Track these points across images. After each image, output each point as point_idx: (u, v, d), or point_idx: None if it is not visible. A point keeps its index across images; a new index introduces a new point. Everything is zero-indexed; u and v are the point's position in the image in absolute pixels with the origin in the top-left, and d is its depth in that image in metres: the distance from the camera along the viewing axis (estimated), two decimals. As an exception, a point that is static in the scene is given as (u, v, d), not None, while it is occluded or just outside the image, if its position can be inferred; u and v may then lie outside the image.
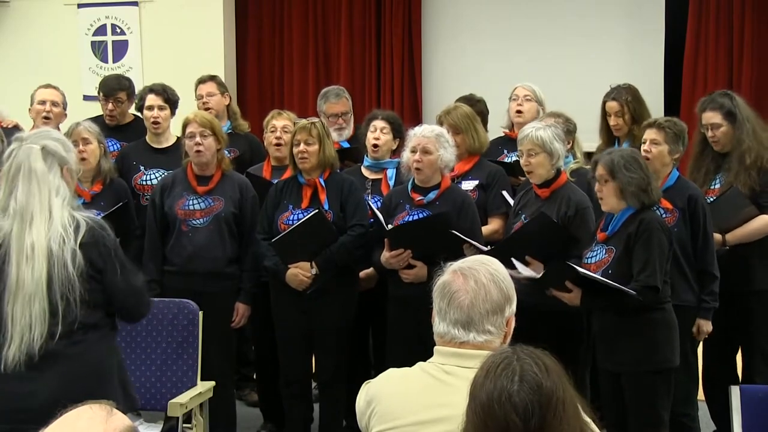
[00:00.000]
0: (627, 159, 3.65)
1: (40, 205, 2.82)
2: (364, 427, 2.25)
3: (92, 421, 1.51)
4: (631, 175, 3.60)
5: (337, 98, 5.03)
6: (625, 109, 4.68)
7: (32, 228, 2.79)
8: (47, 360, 2.77)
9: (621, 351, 3.64)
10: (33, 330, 2.75)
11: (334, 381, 4.30)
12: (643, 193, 3.61)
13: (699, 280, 3.94)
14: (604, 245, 3.71)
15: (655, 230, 3.59)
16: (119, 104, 5.18)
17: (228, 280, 4.31)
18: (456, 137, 4.42)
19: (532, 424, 1.62)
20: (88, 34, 7.81)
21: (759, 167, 4.10)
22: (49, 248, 2.78)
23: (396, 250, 4.05)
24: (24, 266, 2.77)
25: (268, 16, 7.85)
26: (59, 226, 2.81)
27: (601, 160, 3.68)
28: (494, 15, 7.47)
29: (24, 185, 2.83)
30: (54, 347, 2.77)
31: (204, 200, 4.31)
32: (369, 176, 4.60)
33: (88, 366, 2.84)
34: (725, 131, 4.17)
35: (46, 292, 2.77)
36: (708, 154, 4.26)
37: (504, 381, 1.66)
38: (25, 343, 2.75)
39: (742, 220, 4.10)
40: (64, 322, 2.78)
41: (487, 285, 2.16)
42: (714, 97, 4.29)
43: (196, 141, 4.26)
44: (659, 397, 3.63)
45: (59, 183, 2.87)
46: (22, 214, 2.81)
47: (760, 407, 3.06)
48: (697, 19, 6.92)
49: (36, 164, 2.84)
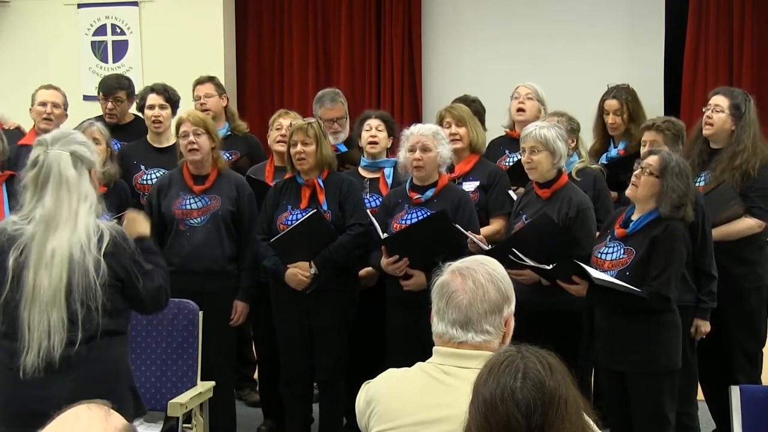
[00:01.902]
0: (681, 167, 3.61)
1: (68, 213, 2.81)
2: (363, 427, 2.25)
3: (91, 420, 1.50)
4: (678, 183, 3.58)
5: (332, 103, 4.96)
6: (624, 108, 4.71)
7: (56, 234, 2.79)
8: (65, 365, 2.77)
9: (626, 351, 3.63)
10: (52, 338, 2.75)
11: (334, 381, 4.30)
12: (676, 209, 3.58)
13: (697, 280, 3.94)
14: (623, 244, 3.68)
15: (678, 239, 3.59)
16: (119, 103, 5.18)
17: (227, 278, 4.31)
18: (459, 129, 4.47)
19: (533, 422, 1.62)
20: (88, 34, 7.80)
21: (744, 171, 4.12)
22: (71, 255, 2.78)
23: (393, 256, 4.06)
24: (42, 272, 2.76)
25: (268, 16, 7.85)
26: (83, 233, 2.80)
27: (659, 154, 3.65)
28: (494, 15, 7.46)
29: (53, 192, 2.82)
30: (73, 353, 2.77)
31: (201, 199, 4.31)
32: (366, 176, 4.60)
33: (104, 371, 2.85)
34: (723, 119, 4.18)
35: (65, 299, 2.77)
36: (698, 144, 4.26)
37: (507, 378, 1.66)
38: (44, 350, 2.75)
39: (726, 218, 4.12)
40: (84, 330, 2.78)
41: (485, 285, 2.16)
42: (731, 88, 4.34)
43: (189, 140, 4.27)
44: (665, 398, 3.63)
45: (88, 188, 2.88)
46: (48, 220, 2.80)
47: (760, 407, 3.06)
48: (697, 19, 6.92)
49: (67, 171, 2.83)
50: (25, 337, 2.76)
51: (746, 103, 4.21)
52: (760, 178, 4.13)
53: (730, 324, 4.17)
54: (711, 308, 3.95)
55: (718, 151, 4.23)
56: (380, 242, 4.09)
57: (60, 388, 2.73)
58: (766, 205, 4.15)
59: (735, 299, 4.13)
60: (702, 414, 4.27)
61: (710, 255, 3.93)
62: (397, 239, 4.08)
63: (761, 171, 4.13)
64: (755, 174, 4.12)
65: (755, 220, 4.15)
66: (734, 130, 4.18)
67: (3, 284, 2.82)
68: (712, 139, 4.25)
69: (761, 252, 4.25)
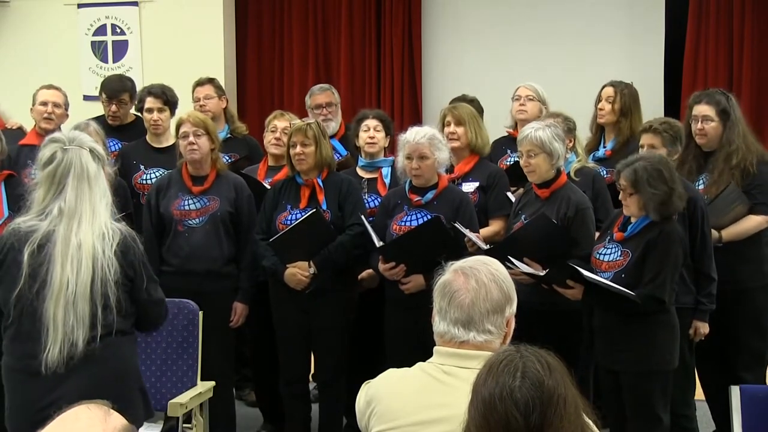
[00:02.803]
0: (650, 172, 3.59)
1: (89, 207, 2.82)
2: (363, 427, 2.25)
3: (91, 420, 1.50)
4: (653, 191, 3.57)
5: (321, 90, 5.14)
6: (617, 98, 4.71)
7: (80, 228, 2.79)
8: (84, 361, 2.77)
9: (621, 350, 3.65)
10: (75, 332, 2.74)
11: (333, 381, 4.30)
12: (663, 206, 3.60)
13: (696, 281, 3.94)
14: (621, 246, 3.70)
15: (673, 242, 3.60)
16: (123, 105, 5.19)
17: (226, 279, 4.31)
18: (458, 129, 4.47)
19: (532, 420, 1.62)
20: (88, 34, 7.80)
21: (742, 168, 4.13)
22: (95, 248, 2.78)
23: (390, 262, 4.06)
24: (69, 267, 2.76)
25: (268, 16, 7.84)
26: (104, 228, 2.81)
27: (624, 172, 3.65)
28: (494, 15, 7.46)
29: (74, 186, 2.82)
30: (93, 349, 2.77)
31: (199, 200, 4.31)
32: (364, 176, 4.60)
33: (115, 370, 2.86)
34: (715, 127, 4.18)
35: (89, 293, 2.77)
36: (691, 151, 4.26)
37: (506, 377, 1.66)
38: (67, 345, 2.74)
39: (732, 218, 4.12)
40: (103, 326, 2.79)
41: (487, 285, 2.16)
42: (711, 93, 4.30)
43: (189, 141, 4.27)
44: (656, 398, 3.64)
45: (105, 186, 2.89)
46: (70, 214, 2.80)
47: (760, 407, 3.06)
48: (697, 19, 6.91)
49: (89, 165, 2.85)
50: (50, 333, 2.75)
51: (729, 103, 4.21)
52: (759, 175, 4.14)
53: (736, 323, 4.16)
54: (710, 310, 3.95)
55: (711, 154, 4.23)
56: (376, 250, 4.09)
57: (72, 387, 2.73)
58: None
59: (740, 298, 4.13)
60: (702, 414, 4.27)
61: (709, 257, 3.93)
62: (393, 247, 4.08)
63: (759, 167, 4.14)
64: (754, 170, 4.13)
65: (762, 217, 4.15)
66: (724, 133, 4.18)
67: (16, 281, 2.81)
68: (705, 146, 4.25)
69: (766, 250, 4.24)
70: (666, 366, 3.64)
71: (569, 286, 3.68)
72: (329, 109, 5.07)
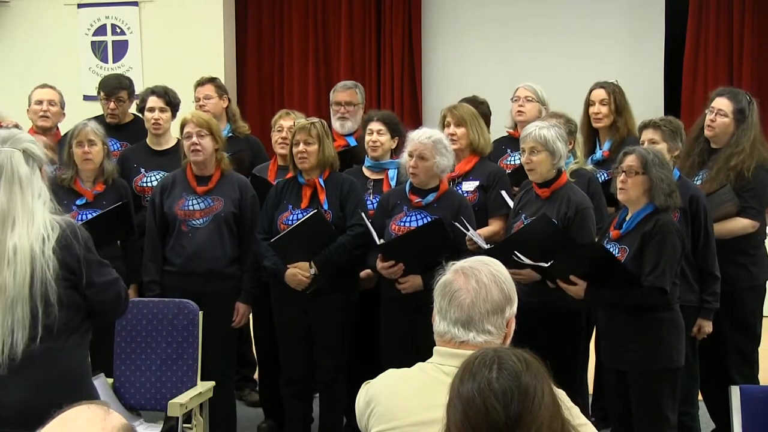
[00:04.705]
0: (659, 157, 3.66)
1: (23, 209, 2.76)
2: (363, 427, 2.25)
3: (91, 420, 1.51)
4: (663, 172, 3.62)
5: (344, 87, 5.07)
6: (610, 99, 4.69)
7: (14, 231, 2.74)
8: (26, 361, 2.72)
9: (628, 350, 3.64)
10: (15, 334, 2.71)
11: (334, 380, 4.30)
12: (669, 196, 3.62)
13: (700, 280, 3.94)
14: (617, 244, 3.70)
15: (670, 233, 3.60)
16: (121, 103, 5.18)
17: (228, 280, 4.31)
18: (458, 129, 4.45)
19: (512, 409, 1.62)
20: (88, 34, 7.82)
21: (738, 171, 4.14)
22: (32, 250, 2.74)
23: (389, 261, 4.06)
24: (6, 271, 2.72)
25: (268, 15, 7.86)
26: (41, 228, 2.76)
27: (635, 152, 3.68)
28: (494, 15, 7.47)
29: (6, 189, 2.77)
30: (33, 351, 2.73)
31: (203, 200, 4.31)
32: (370, 176, 4.59)
33: (62, 370, 2.78)
34: (727, 123, 4.20)
35: (28, 294, 2.73)
36: (700, 144, 4.27)
37: (483, 370, 1.66)
38: (8, 347, 2.71)
39: (720, 216, 4.13)
40: (44, 325, 2.73)
41: (488, 285, 2.16)
42: (735, 91, 4.34)
43: (193, 141, 4.26)
44: (665, 397, 3.63)
45: (41, 185, 2.83)
46: (3, 218, 2.76)
47: (760, 407, 3.06)
48: (697, 19, 6.93)
49: (20, 168, 2.78)
50: None
51: (749, 107, 4.22)
52: (753, 179, 4.15)
53: (726, 324, 4.17)
54: (715, 309, 3.96)
55: (717, 151, 4.24)
56: (376, 248, 4.09)
57: (16, 389, 2.68)
58: (758, 205, 4.18)
59: (729, 299, 4.13)
60: (702, 414, 4.26)
61: (713, 255, 3.94)
62: (393, 246, 4.08)
63: (755, 172, 4.15)
64: (749, 175, 4.14)
65: (748, 221, 4.17)
66: (735, 133, 4.19)
67: None
68: (713, 140, 4.26)
69: (756, 252, 4.26)
70: (673, 364, 3.63)
71: (572, 282, 3.68)
72: (348, 108, 4.99)
